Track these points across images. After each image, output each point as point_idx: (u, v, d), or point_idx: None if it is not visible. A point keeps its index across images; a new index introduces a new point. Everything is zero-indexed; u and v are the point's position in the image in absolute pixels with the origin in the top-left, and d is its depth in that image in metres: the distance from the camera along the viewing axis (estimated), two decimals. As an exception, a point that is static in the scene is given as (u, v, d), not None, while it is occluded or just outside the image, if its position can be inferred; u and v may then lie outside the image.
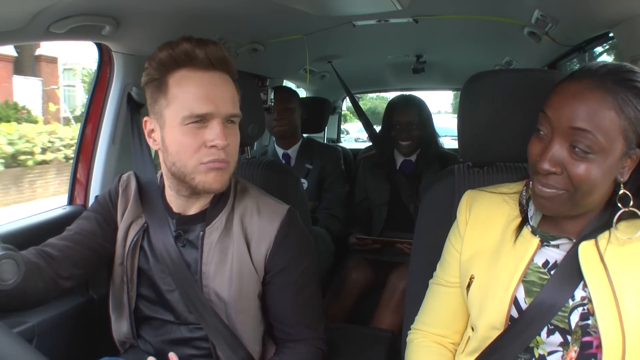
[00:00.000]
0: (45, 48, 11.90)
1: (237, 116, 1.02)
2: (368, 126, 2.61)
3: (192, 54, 0.97)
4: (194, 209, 1.08)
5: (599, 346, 0.80)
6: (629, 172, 0.82)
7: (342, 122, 4.63)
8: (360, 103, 3.38)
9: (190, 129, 0.97)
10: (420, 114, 2.20)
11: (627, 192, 0.82)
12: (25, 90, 11.45)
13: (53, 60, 12.60)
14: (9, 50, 10.98)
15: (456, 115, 1.21)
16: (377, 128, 2.56)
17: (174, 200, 1.08)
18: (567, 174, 0.80)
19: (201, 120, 0.97)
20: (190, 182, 1.00)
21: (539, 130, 0.85)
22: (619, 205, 0.83)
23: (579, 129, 0.78)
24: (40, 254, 1.01)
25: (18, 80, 11.50)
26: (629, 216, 0.83)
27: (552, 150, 0.81)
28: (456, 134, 1.17)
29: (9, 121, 9.22)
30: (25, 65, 11.98)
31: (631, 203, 0.82)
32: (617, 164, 0.80)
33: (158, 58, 0.99)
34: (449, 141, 3.58)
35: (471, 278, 0.93)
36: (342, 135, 4.16)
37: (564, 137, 0.80)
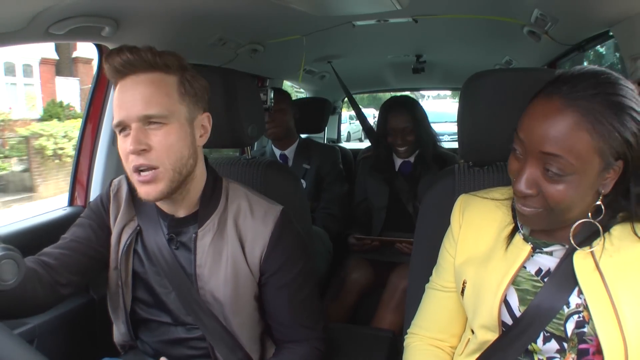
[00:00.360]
0: (82, 50, 12.65)
1: (155, 116, 0.95)
2: (367, 127, 2.61)
3: (109, 66, 0.97)
4: (182, 211, 1.07)
5: (596, 353, 0.80)
6: (612, 184, 0.79)
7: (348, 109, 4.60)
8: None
9: (121, 138, 0.98)
10: (414, 116, 2.16)
11: (602, 205, 0.80)
12: (65, 90, 12.48)
13: (88, 62, 13.39)
14: (52, 53, 12.08)
15: (456, 100, 1.20)
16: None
17: (161, 203, 1.07)
18: (543, 195, 0.78)
19: (123, 128, 0.97)
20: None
21: (515, 150, 0.83)
22: (589, 215, 0.81)
23: (549, 154, 0.75)
24: (38, 262, 1.01)
25: (59, 81, 12.57)
26: (623, 220, 0.82)
27: (526, 173, 0.79)
28: (456, 120, 1.17)
29: (59, 118, 10.46)
30: (63, 66, 12.84)
31: (602, 215, 0.81)
32: (597, 180, 0.78)
33: (107, 77, 1.01)
34: (452, 127, 3.54)
35: (464, 283, 0.93)
36: (352, 121, 4.13)
37: (537, 160, 0.78)
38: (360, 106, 2.85)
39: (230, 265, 1.04)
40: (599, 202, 0.80)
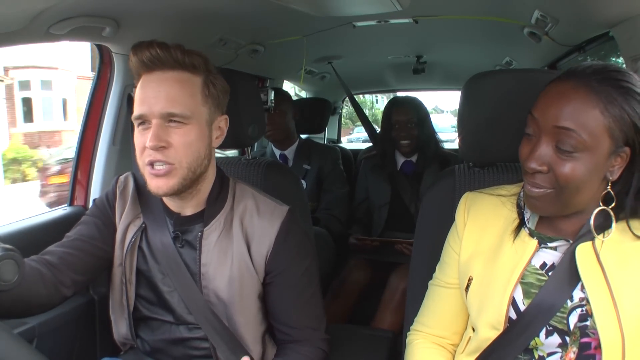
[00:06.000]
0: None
1: (178, 115, 0.96)
2: (368, 126, 2.61)
3: (136, 58, 0.98)
4: (189, 209, 1.07)
5: (598, 347, 0.80)
6: (620, 171, 0.82)
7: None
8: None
9: (139, 131, 0.98)
10: (418, 113, 2.22)
11: (612, 192, 0.82)
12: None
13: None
14: (88, 72, 12.63)
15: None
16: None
17: (169, 200, 1.08)
18: (553, 173, 0.81)
19: (144, 122, 0.97)
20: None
21: (528, 133, 0.86)
22: (600, 204, 0.83)
23: (563, 127, 0.79)
24: (41, 262, 1.01)
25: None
26: (630, 215, 0.83)
27: (538, 150, 0.82)
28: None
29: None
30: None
31: (614, 203, 0.83)
32: (605, 163, 0.80)
33: (130, 67, 1.00)
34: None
35: (469, 279, 0.93)
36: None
37: (550, 136, 0.81)
38: None
39: (236, 264, 1.04)
40: (608, 189, 0.82)
